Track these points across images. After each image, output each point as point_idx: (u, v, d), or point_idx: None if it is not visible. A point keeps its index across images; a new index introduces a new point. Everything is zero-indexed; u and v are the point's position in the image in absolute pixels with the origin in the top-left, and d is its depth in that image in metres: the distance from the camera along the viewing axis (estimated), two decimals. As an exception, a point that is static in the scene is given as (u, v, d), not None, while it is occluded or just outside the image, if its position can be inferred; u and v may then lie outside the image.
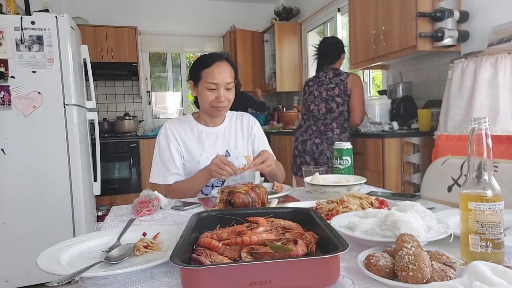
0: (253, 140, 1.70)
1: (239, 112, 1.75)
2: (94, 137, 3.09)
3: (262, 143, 1.71)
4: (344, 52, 2.76)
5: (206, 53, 1.59)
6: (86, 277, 0.66)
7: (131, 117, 4.66)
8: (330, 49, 2.71)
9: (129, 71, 4.60)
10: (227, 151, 1.61)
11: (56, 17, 2.56)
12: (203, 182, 1.46)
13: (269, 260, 0.61)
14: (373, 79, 3.84)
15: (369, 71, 3.73)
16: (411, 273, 0.56)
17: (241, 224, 0.80)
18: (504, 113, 1.90)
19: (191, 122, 1.63)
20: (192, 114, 1.67)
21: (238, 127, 1.68)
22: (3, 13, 2.54)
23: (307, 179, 1.34)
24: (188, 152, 1.57)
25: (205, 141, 1.59)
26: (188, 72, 1.65)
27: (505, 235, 0.66)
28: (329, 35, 4.27)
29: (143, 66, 5.03)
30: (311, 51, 3.02)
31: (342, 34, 4.14)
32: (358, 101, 2.57)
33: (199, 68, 1.52)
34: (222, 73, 1.49)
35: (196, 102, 1.67)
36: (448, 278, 0.57)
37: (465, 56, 2.07)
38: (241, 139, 1.66)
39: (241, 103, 3.75)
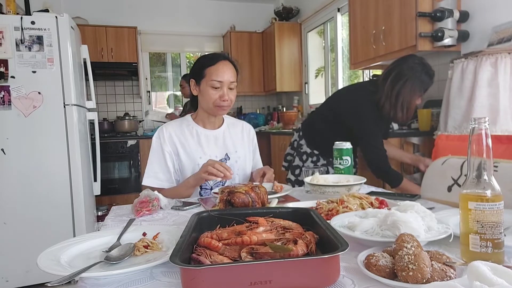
0: (253, 150, 1.73)
1: (239, 120, 1.76)
2: (94, 137, 3.09)
3: (258, 155, 1.77)
4: None
5: (209, 53, 1.57)
6: (86, 277, 0.66)
7: (131, 117, 4.66)
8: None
9: (129, 71, 4.59)
10: (226, 154, 1.59)
11: (56, 17, 2.56)
12: (190, 191, 1.45)
13: (269, 260, 0.61)
14: (373, 79, 3.82)
15: (369, 71, 3.72)
16: (411, 273, 0.56)
17: (241, 224, 0.80)
18: (504, 113, 1.89)
19: (189, 123, 1.61)
20: (190, 115, 1.65)
21: (238, 133, 1.68)
22: (3, 13, 2.54)
23: (307, 179, 1.33)
24: (187, 155, 1.54)
25: (204, 144, 1.57)
26: (188, 70, 1.64)
27: (505, 235, 0.66)
28: (329, 35, 4.28)
29: (143, 66, 5.02)
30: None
31: (342, 34, 4.13)
32: None
33: (203, 66, 1.51)
34: (226, 72, 1.49)
35: (193, 102, 1.65)
36: (448, 278, 0.57)
37: (465, 56, 2.07)
38: (241, 144, 1.66)
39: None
